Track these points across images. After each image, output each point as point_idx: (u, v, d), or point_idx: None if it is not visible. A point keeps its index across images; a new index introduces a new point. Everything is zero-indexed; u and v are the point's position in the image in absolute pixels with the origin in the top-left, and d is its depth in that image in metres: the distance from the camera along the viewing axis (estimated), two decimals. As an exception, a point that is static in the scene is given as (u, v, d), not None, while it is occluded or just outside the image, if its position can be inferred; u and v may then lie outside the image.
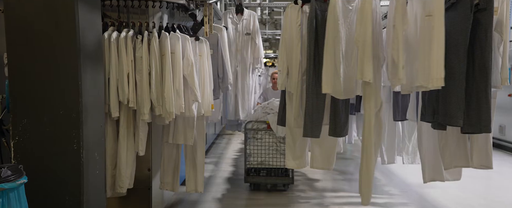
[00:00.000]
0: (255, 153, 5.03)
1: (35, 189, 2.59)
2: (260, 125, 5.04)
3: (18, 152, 2.67)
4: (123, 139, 3.73)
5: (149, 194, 4.03)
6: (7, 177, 2.27)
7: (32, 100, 2.69)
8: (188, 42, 3.77)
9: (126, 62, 3.57)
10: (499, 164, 6.42)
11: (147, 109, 3.61)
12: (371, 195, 3.41)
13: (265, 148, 5.01)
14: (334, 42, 3.24)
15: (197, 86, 3.80)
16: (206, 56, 4.00)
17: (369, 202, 3.41)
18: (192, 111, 3.85)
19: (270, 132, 4.98)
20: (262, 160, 5.04)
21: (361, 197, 3.40)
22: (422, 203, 4.67)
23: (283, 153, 4.77)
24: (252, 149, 5.04)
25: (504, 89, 6.88)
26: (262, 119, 5.06)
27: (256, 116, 5.18)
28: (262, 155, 5.03)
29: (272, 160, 5.02)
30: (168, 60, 3.63)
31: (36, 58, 2.69)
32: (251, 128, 5.06)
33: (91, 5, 2.87)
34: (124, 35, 3.58)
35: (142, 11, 3.87)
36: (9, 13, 2.67)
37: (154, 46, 3.61)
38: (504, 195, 4.92)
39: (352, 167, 6.39)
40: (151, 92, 3.60)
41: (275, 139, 5.00)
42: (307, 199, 4.74)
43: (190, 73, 3.75)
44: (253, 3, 8.67)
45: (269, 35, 11.57)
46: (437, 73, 2.91)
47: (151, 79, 3.61)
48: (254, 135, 5.07)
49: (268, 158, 5.02)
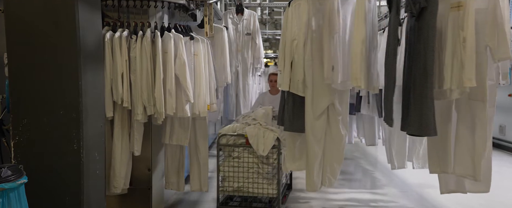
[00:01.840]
0: (231, 176, 3.98)
1: (35, 189, 2.59)
2: (238, 140, 3.98)
3: (18, 152, 2.67)
4: (117, 139, 3.73)
5: (149, 194, 4.03)
6: (7, 177, 2.28)
7: (32, 100, 2.69)
8: (181, 41, 3.74)
9: (121, 62, 3.57)
10: (499, 164, 6.41)
11: (140, 109, 3.61)
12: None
13: (243, 170, 3.95)
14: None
15: (190, 86, 3.75)
16: (204, 56, 3.96)
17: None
18: (185, 111, 3.79)
19: (250, 149, 3.92)
20: (239, 186, 3.98)
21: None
22: (422, 203, 4.66)
23: (267, 176, 3.93)
24: (227, 171, 3.99)
25: (504, 89, 6.90)
26: (241, 131, 4.00)
27: (233, 128, 4.10)
28: (239, 179, 3.98)
29: (252, 187, 3.95)
30: (159, 59, 3.63)
31: (36, 58, 2.69)
32: (226, 143, 4.01)
33: (91, 5, 2.87)
34: (119, 35, 3.58)
35: (143, 11, 3.87)
36: (9, 13, 2.67)
37: (146, 46, 3.61)
38: (504, 195, 4.92)
39: (352, 167, 6.39)
40: (142, 92, 3.60)
41: (257, 158, 3.93)
42: (307, 199, 4.74)
43: (182, 73, 3.71)
44: (253, 3, 8.68)
45: (269, 35, 11.56)
46: (354, 73, 3.11)
47: (142, 79, 3.61)
48: (230, 152, 4.00)
49: (247, 184, 3.96)
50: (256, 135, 3.85)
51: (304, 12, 3.43)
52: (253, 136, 3.87)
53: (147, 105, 3.62)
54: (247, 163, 3.94)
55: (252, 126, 3.97)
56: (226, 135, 4.00)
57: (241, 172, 3.94)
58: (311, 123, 3.52)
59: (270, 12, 11.39)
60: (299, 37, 3.44)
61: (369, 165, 6.59)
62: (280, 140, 3.86)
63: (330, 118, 3.55)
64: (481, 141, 2.94)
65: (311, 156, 3.56)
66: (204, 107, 3.95)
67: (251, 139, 3.87)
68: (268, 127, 3.98)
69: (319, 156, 3.57)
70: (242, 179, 3.96)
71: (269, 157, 3.95)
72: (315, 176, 3.58)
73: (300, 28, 3.44)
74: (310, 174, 3.59)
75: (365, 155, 7.27)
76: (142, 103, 3.61)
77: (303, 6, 3.44)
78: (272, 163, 3.98)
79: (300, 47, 3.44)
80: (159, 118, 3.65)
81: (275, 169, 3.98)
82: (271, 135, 3.89)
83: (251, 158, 3.93)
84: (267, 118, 4.20)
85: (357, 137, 6.20)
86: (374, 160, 6.93)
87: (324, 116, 3.53)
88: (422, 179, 5.11)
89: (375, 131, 5.43)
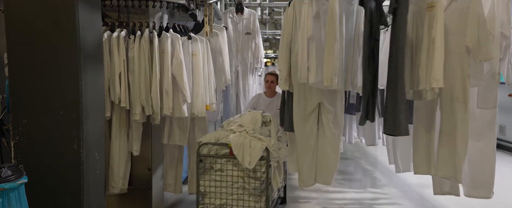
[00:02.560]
0: (213, 192, 3.40)
1: (35, 189, 2.59)
2: (221, 150, 3.40)
3: (18, 152, 2.67)
4: (115, 139, 3.73)
5: (149, 194, 4.03)
6: (7, 177, 2.28)
7: (32, 100, 2.69)
8: (178, 41, 3.73)
9: (118, 62, 3.57)
10: (499, 164, 6.36)
11: (139, 109, 3.61)
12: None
13: (227, 185, 3.38)
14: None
15: (186, 86, 3.74)
16: (202, 55, 3.94)
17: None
18: (183, 112, 3.78)
19: (234, 160, 3.35)
20: (222, 204, 3.41)
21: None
22: (422, 203, 4.66)
23: (254, 193, 3.37)
24: (208, 186, 3.40)
25: (505, 89, 6.90)
26: (225, 140, 3.42)
27: (216, 136, 3.52)
28: (222, 195, 3.40)
29: (236, 204, 3.39)
30: (155, 59, 3.63)
31: (37, 58, 2.69)
32: (207, 154, 3.42)
33: (91, 5, 2.86)
34: (117, 35, 3.58)
35: (142, 11, 3.87)
36: (10, 13, 2.67)
37: (144, 46, 3.60)
38: (504, 195, 4.92)
39: (352, 167, 6.39)
40: (140, 92, 3.60)
41: (242, 172, 3.36)
42: (307, 198, 4.74)
43: (178, 73, 3.70)
44: (253, 3, 8.67)
45: (269, 35, 11.56)
46: (327, 73, 3.14)
47: (140, 79, 3.61)
48: (211, 164, 3.43)
49: (231, 201, 3.39)
50: (241, 145, 3.26)
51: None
52: (238, 146, 3.27)
53: (145, 105, 3.62)
54: (231, 176, 3.36)
55: (237, 134, 3.36)
56: (208, 144, 3.41)
57: (224, 188, 3.38)
58: (298, 120, 3.54)
59: (270, 12, 11.39)
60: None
61: (369, 165, 6.58)
62: (269, 150, 3.30)
63: (321, 116, 3.53)
64: (462, 143, 2.92)
65: (301, 153, 3.59)
66: (203, 107, 3.94)
67: (235, 150, 3.27)
68: (256, 136, 3.39)
69: (309, 153, 3.58)
70: (225, 195, 3.38)
71: (257, 170, 3.31)
72: (305, 172, 3.60)
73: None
74: (301, 170, 3.63)
75: (365, 155, 7.27)
76: (140, 103, 3.61)
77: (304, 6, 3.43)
78: (260, 178, 3.35)
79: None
80: (156, 118, 3.65)
81: (264, 184, 3.34)
82: (259, 145, 3.27)
83: (236, 171, 3.35)
84: (256, 125, 3.60)
85: (357, 137, 6.19)
86: (374, 160, 6.93)
87: (314, 115, 3.53)
88: (422, 179, 5.07)
89: (375, 131, 5.42)
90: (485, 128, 3.15)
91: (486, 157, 3.19)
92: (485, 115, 3.16)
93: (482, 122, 3.15)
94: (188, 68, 3.81)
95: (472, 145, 3.05)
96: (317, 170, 3.64)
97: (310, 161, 3.60)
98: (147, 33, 3.65)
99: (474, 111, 3.13)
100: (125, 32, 3.65)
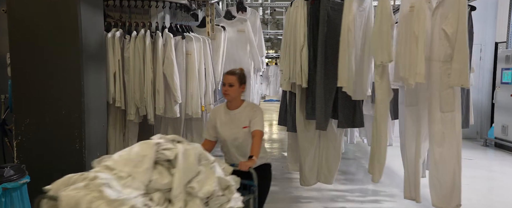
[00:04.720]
0: None
1: (37, 189, 2.60)
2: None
3: (21, 152, 2.68)
4: (111, 139, 3.74)
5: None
6: (9, 176, 2.29)
7: (34, 100, 2.70)
8: (171, 40, 3.71)
9: (113, 61, 3.57)
10: (502, 164, 6.40)
11: (134, 109, 3.62)
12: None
13: None
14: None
15: (177, 86, 3.71)
16: (199, 55, 3.88)
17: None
18: (174, 112, 3.75)
19: None
20: None
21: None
22: (423, 203, 4.66)
23: None
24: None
25: (506, 89, 6.88)
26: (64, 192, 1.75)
27: (72, 181, 1.96)
28: None
29: None
30: (148, 59, 3.63)
31: (39, 58, 2.70)
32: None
33: (93, 5, 2.88)
34: (111, 35, 3.58)
35: (144, 11, 3.88)
36: (12, 13, 2.69)
37: (139, 46, 3.61)
38: (506, 195, 4.91)
39: (354, 167, 6.38)
40: (134, 92, 3.61)
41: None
42: (308, 198, 4.74)
43: (169, 72, 3.67)
44: (255, 3, 8.67)
45: (271, 35, 11.56)
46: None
47: (135, 79, 3.61)
48: None
49: None
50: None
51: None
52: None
53: (139, 105, 3.62)
54: None
55: (80, 188, 1.84)
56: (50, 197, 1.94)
57: None
58: (300, 120, 3.56)
59: (272, 12, 11.39)
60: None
61: (370, 165, 6.57)
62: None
63: None
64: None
65: (303, 152, 3.62)
66: (197, 108, 3.88)
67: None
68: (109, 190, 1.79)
69: (310, 152, 3.61)
70: None
71: None
72: (307, 172, 3.64)
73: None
74: (303, 170, 3.67)
75: (367, 155, 7.25)
76: (135, 104, 3.62)
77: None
78: None
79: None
80: (150, 118, 3.66)
81: None
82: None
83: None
84: (139, 165, 1.95)
85: (359, 137, 6.18)
86: (376, 160, 6.91)
87: None
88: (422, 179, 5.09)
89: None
90: (448, 132, 3.13)
91: (449, 163, 3.19)
92: (446, 118, 3.13)
93: (444, 125, 3.14)
94: (182, 67, 3.79)
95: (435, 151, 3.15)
96: (319, 169, 3.66)
97: (312, 161, 3.61)
98: (142, 33, 3.65)
99: (436, 115, 3.14)
100: (120, 32, 3.65)
